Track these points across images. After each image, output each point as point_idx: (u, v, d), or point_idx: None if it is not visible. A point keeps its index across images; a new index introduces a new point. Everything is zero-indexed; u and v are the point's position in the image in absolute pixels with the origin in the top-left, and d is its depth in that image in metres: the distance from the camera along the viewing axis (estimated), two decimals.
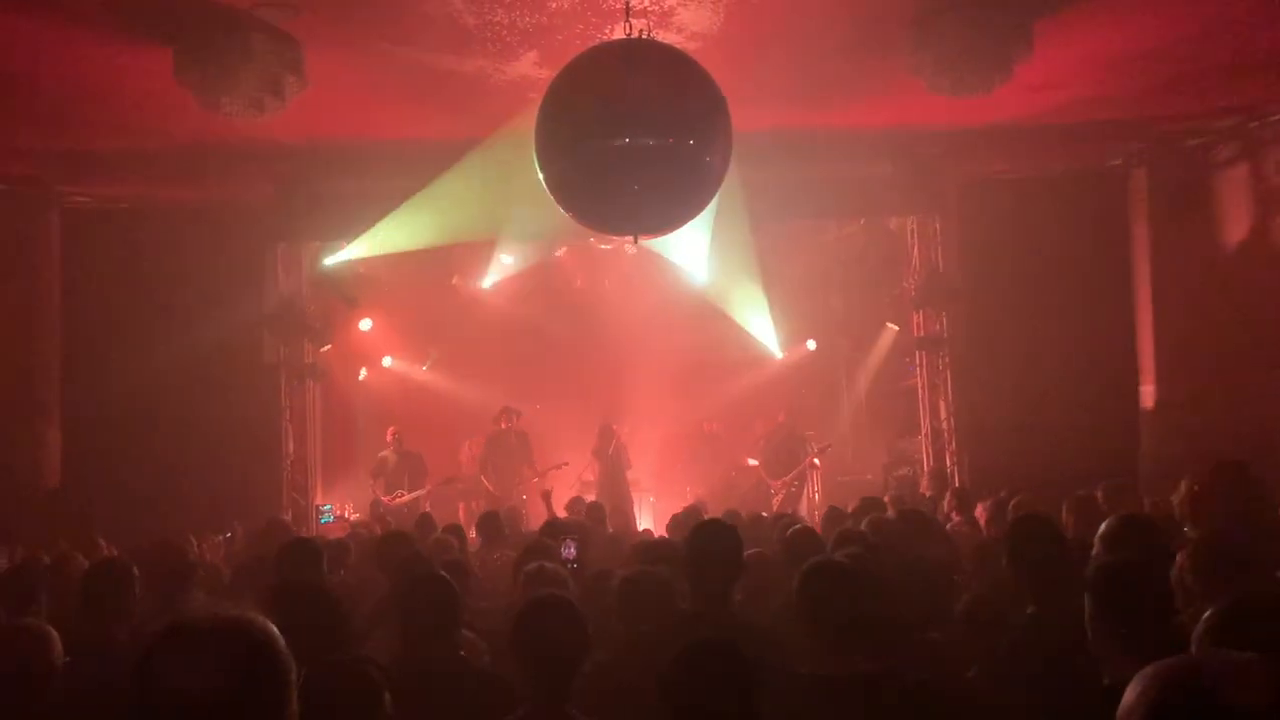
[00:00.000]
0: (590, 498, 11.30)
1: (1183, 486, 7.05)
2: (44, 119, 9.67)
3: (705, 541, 4.41)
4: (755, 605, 5.19)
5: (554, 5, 7.72)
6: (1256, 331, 10.86)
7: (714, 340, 14.97)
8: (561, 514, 9.85)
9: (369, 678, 2.89)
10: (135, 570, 4.71)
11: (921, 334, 12.83)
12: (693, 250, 12.61)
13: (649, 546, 6.15)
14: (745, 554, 5.64)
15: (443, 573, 4.26)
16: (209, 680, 1.61)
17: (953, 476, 12.00)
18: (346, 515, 13.25)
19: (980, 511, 8.83)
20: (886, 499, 9.37)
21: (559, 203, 6.08)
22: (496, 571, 7.03)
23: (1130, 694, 1.62)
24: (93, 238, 11.89)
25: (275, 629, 1.70)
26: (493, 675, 3.90)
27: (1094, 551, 3.86)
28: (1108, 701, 1.69)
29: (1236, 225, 11.41)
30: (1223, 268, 11.44)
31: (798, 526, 6.48)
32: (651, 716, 2.97)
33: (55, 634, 3.73)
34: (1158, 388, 12.09)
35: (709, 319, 14.63)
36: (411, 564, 5.58)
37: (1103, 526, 3.98)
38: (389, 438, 13.61)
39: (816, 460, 13.77)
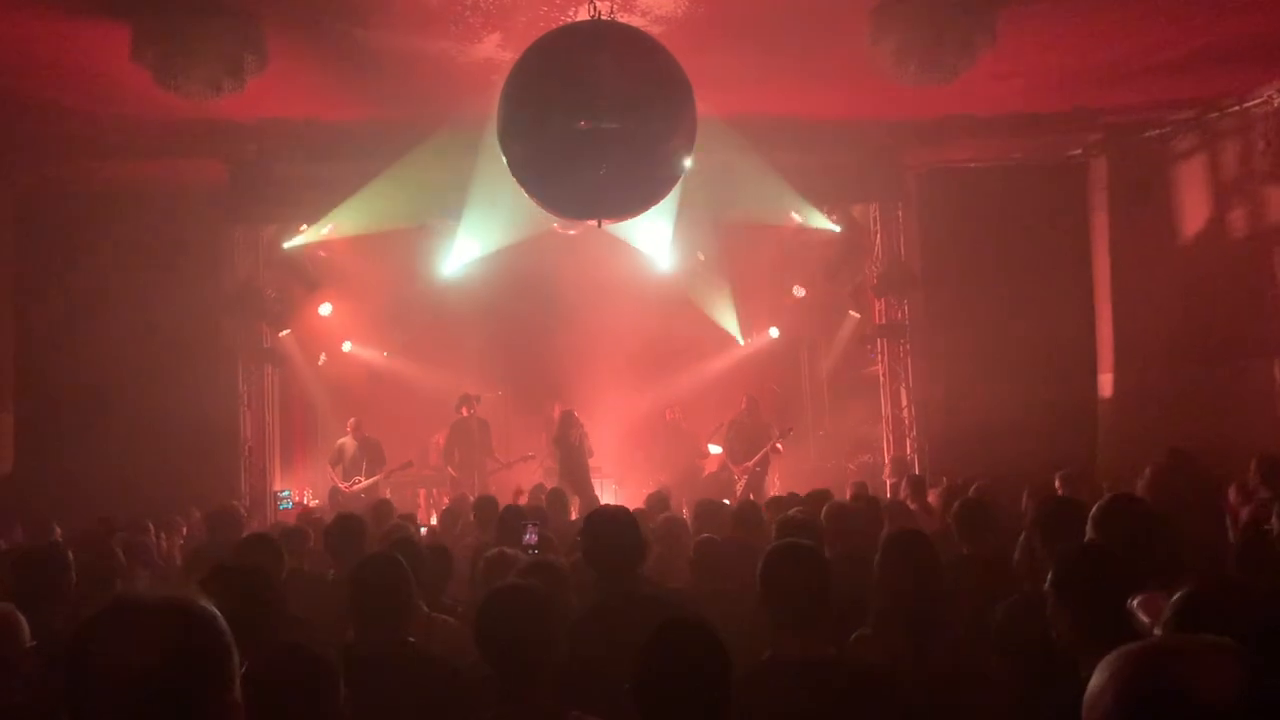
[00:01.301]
0: (551, 485, 11.25)
1: (1146, 472, 7.13)
2: None
3: (601, 528, 4.39)
4: (705, 587, 5.18)
5: None
6: (1213, 321, 10.98)
7: (677, 327, 14.95)
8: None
9: (322, 664, 2.83)
10: (70, 556, 4.64)
11: (883, 321, 12.88)
12: (656, 236, 12.59)
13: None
14: (699, 538, 5.66)
15: (396, 555, 4.18)
16: (148, 658, 1.58)
17: (913, 463, 12.07)
18: (306, 501, 13.14)
19: (934, 497, 8.90)
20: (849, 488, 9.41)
21: (522, 187, 6.04)
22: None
23: (1098, 678, 1.59)
24: (47, 219, 11.69)
25: (217, 611, 1.67)
26: (439, 660, 3.83)
27: (1087, 534, 3.88)
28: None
29: (1194, 216, 11.53)
30: (1180, 258, 11.55)
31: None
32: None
33: (23, 617, 3.68)
34: (1115, 376, 12.21)
35: (672, 305, 14.61)
36: (361, 546, 5.54)
37: (1094, 508, 3.99)
38: (349, 427, 13.47)
39: (779, 445, 13.78)
